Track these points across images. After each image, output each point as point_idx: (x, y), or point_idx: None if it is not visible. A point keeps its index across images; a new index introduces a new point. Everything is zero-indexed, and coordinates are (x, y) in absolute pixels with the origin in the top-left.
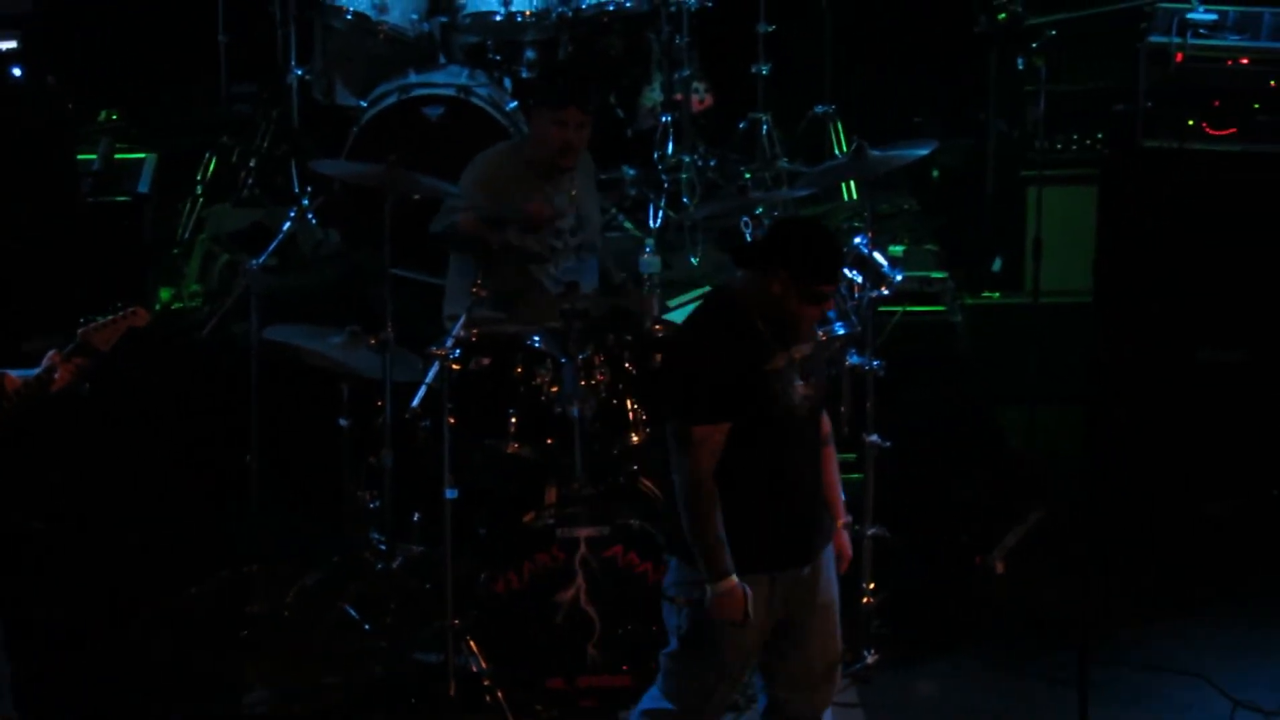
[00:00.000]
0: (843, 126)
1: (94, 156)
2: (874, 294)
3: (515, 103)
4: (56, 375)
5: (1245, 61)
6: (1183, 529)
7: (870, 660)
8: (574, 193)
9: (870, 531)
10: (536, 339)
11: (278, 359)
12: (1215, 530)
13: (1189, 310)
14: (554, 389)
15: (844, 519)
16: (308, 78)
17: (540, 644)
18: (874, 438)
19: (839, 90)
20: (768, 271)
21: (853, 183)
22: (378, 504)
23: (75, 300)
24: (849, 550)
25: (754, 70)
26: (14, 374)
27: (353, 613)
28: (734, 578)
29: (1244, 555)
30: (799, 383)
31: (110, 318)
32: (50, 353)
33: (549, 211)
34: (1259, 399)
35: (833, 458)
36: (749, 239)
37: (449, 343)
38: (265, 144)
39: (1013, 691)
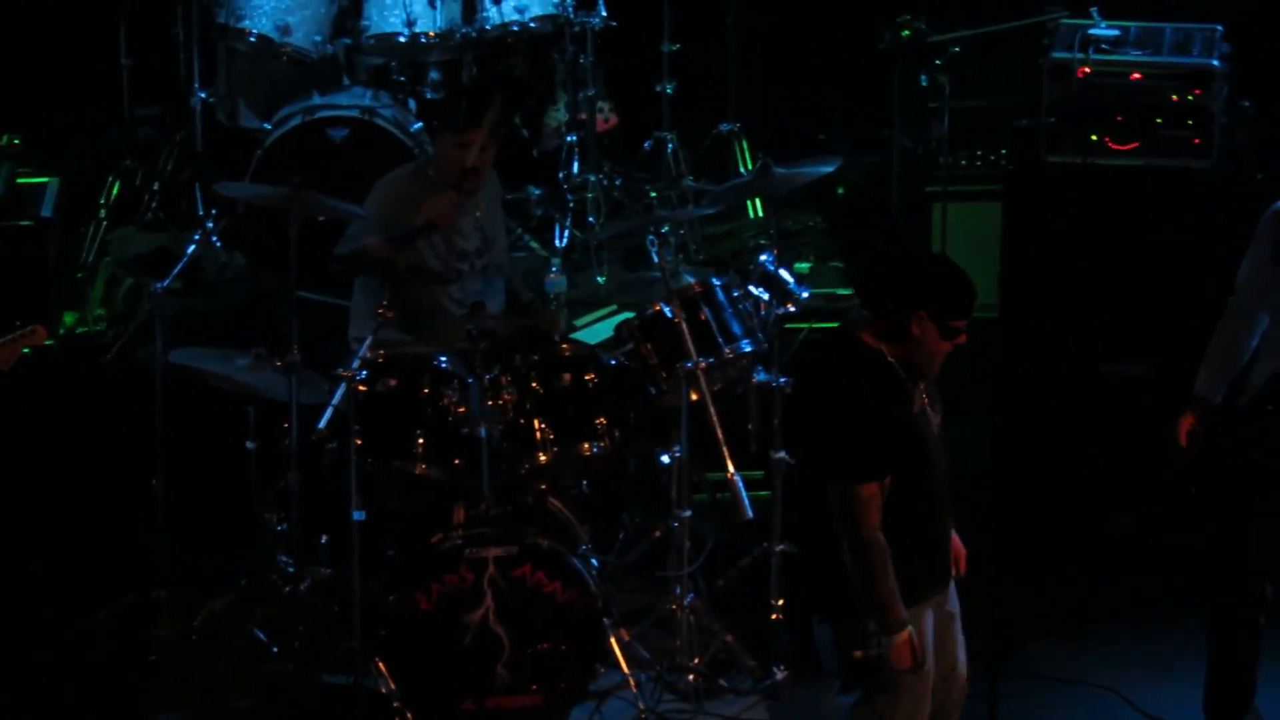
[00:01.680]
0: (748, 144)
1: None
2: (780, 311)
3: (420, 124)
4: None
5: (1146, 77)
6: (1089, 543)
7: (779, 676)
8: (479, 214)
9: (778, 549)
10: (443, 360)
11: (183, 382)
12: (1121, 543)
13: (1093, 325)
14: (461, 409)
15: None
16: (211, 100)
17: (449, 665)
18: (781, 454)
19: (744, 108)
20: (905, 311)
21: (758, 200)
22: (285, 526)
23: None
24: (962, 548)
25: (659, 89)
26: None
27: (261, 636)
28: (910, 627)
29: (1150, 568)
30: (934, 415)
31: (9, 336)
32: None
33: (449, 213)
34: (1163, 412)
35: None
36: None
37: (355, 364)
38: (169, 167)
39: None
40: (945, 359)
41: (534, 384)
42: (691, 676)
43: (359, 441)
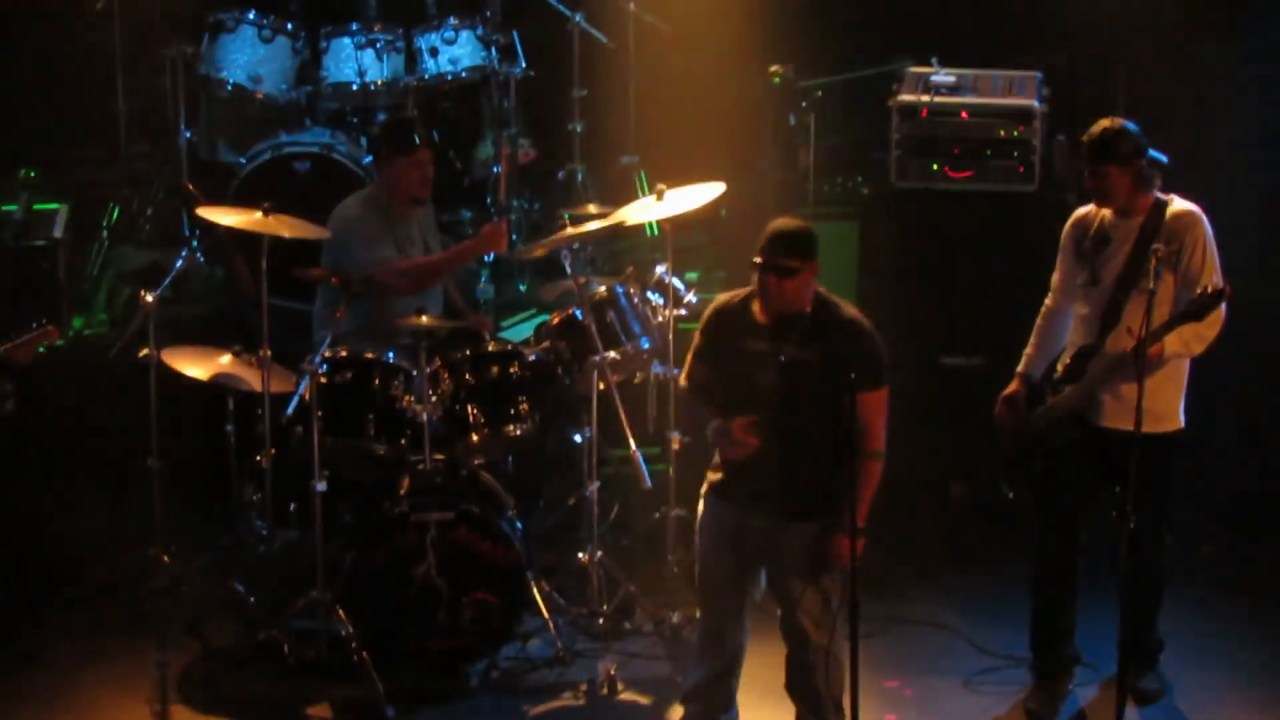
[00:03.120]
0: (645, 174)
1: (15, 207)
2: (674, 313)
3: (370, 157)
4: None
5: (978, 115)
6: (934, 505)
7: (675, 619)
8: (421, 228)
9: (674, 513)
10: (391, 355)
11: (174, 376)
12: (959, 505)
13: (936, 324)
14: (406, 397)
15: None
16: (194, 139)
17: (398, 612)
18: (675, 434)
19: (641, 143)
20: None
21: (654, 222)
22: (259, 497)
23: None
24: None
25: (570, 128)
26: None
27: (240, 588)
28: None
29: (982, 526)
30: (796, 353)
31: (27, 336)
32: None
33: (504, 239)
34: (995, 397)
35: None
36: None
37: (317, 359)
38: (160, 195)
39: None
40: (775, 298)
41: (467, 376)
42: (601, 620)
43: (321, 424)
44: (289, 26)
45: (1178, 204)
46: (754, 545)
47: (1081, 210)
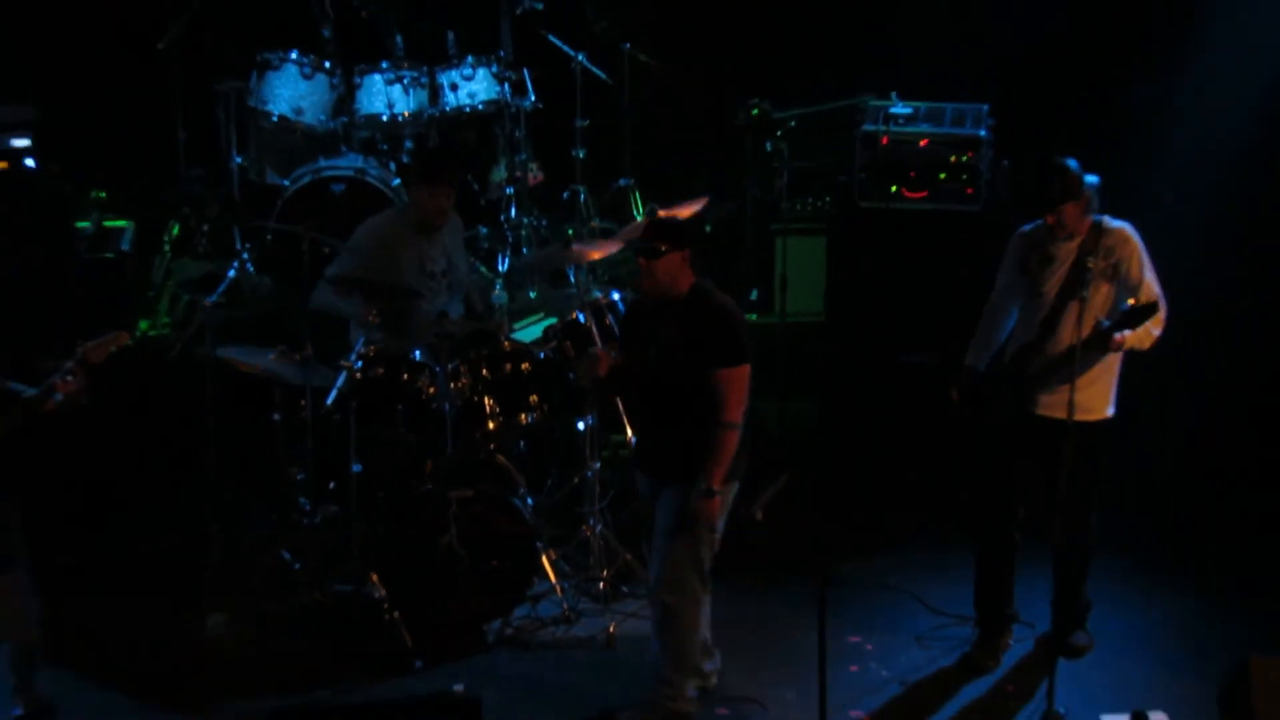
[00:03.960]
0: (640, 194)
1: (88, 224)
2: None
3: (398, 180)
4: (58, 395)
5: (932, 143)
6: (893, 488)
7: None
8: (444, 244)
9: None
10: (417, 353)
11: (228, 371)
12: (917, 488)
13: (894, 325)
14: (431, 390)
15: None
16: (244, 164)
17: (424, 577)
18: None
19: (636, 168)
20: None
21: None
22: (303, 477)
23: (76, 330)
24: None
25: (574, 154)
26: (25, 391)
27: (287, 556)
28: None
29: (933, 502)
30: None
31: (100, 340)
32: (53, 378)
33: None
34: (945, 390)
35: None
36: (572, 279)
37: (353, 357)
38: (214, 213)
39: (770, 607)
40: (645, 277)
41: (484, 371)
42: (601, 585)
43: (356, 413)
44: (327, 65)
45: (1111, 223)
46: (653, 506)
47: (1027, 228)
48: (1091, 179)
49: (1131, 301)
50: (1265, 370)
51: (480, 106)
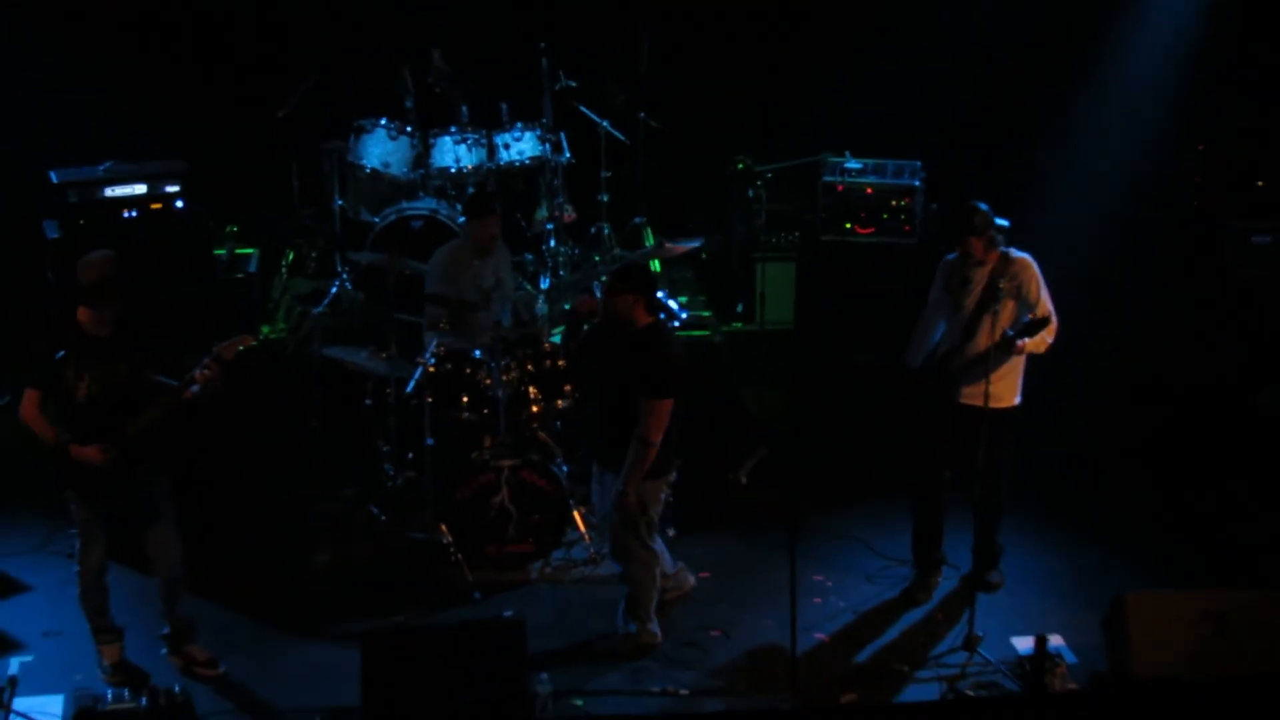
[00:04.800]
0: (650, 229)
1: (223, 252)
2: (670, 325)
3: (463, 219)
4: (195, 385)
5: (877, 190)
6: (846, 456)
7: (671, 534)
8: (494, 266)
9: (675, 462)
10: (477, 352)
11: (330, 366)
12: (866, 457)
13: (848, 331)
14: (488, 381)
15: None
16: (344, 205)
17: (482, 527)
18: None
19: (648, 209)
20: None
21: (657, 261)
22: (388, 449)
23: (212, 334)
24: None
25: (599, 198)
26: (167, 381)
27: (375, 511)
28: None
29: (883, 471)
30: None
31: (230, 340)
32: (193, 371)
33: (595, 304)
34: (882, 382)
35: None
36: (598, 294)
37: (428, 355)
38: (321, 243)
39: (752, 552)
40: (604, 308)
41: (529, 367)
42: None
43: (430, 399)
44: (409, 129)
45: (1016, 254)
46: (600, 485)
47: (950, 257)
48: (1002, 221)
49: (1031, 316)
50: (1134, 367)
51: (527, 161)
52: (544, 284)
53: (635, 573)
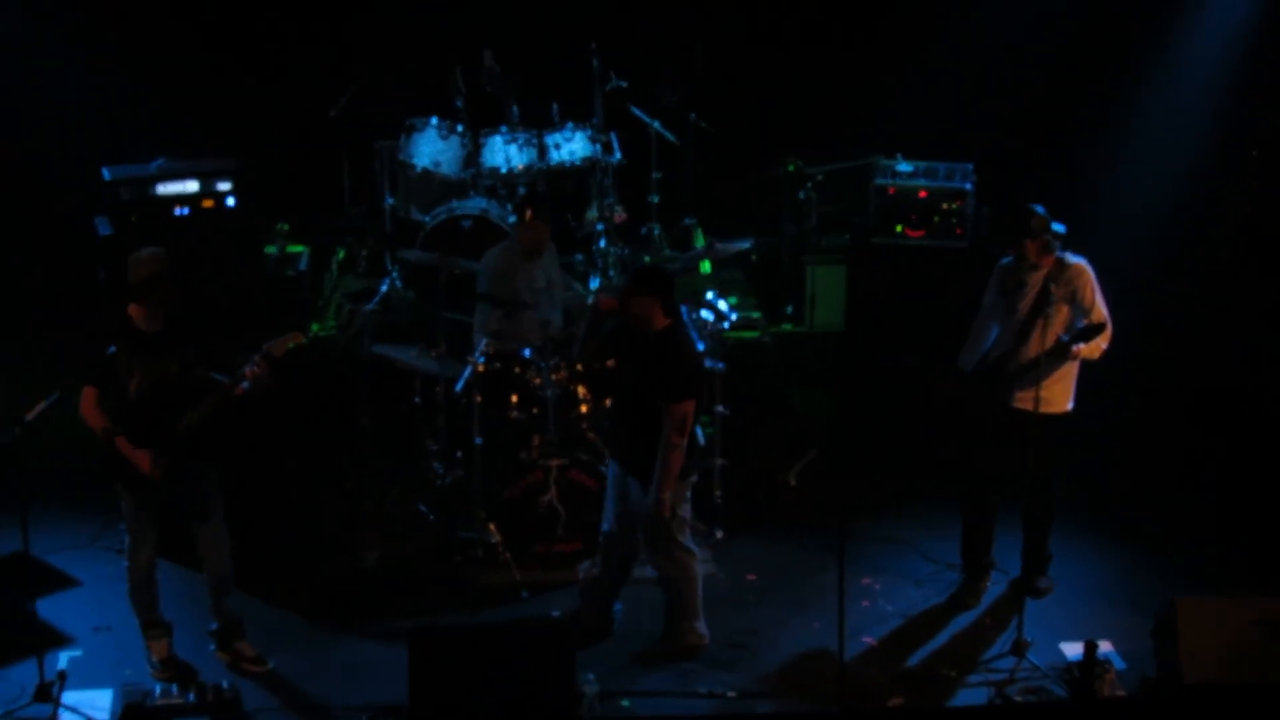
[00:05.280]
0: (701, 230)
1: (274, 249)
2: (719, 327)
3: (513, 218)
4: (246, 382)
5: (929, 194)
6: (897, 459)
7: (719, 535)
8: (544, 267)
9: (718, 462)
10: (527, 352)
11: (380, 364)
12: (916, 461)
13: (896, 334)
14: (537, 380)
15: None
16: (395, 204)
17: (531, 525)
18: (720, 408)
19: (698, 210)
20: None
21: (707, 262)
22: (437, 446)
23: (264, 331)
24: None
25: (649, 199)
26: (218, 378)
27: (423, 508)
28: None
29: (932, 475)
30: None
31: (281, 338)
32: (244, 368)
33: (613, 300)
34: (933, 386)
35: None
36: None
37: (477, 354)
38: (372, 241)
39: (800, 555)
40: (622, 309)
41: (578, 366)
42: None
43: (479, 398)
44: (459, 128)
45: (1071, 259)
46: (621, 486)
47: (1006, 261)
48: (1058, 226)
49: (1086, 321)
50: (1188, 373)
51: (578, 162)
52: (594, 284)
53: (674, 574)
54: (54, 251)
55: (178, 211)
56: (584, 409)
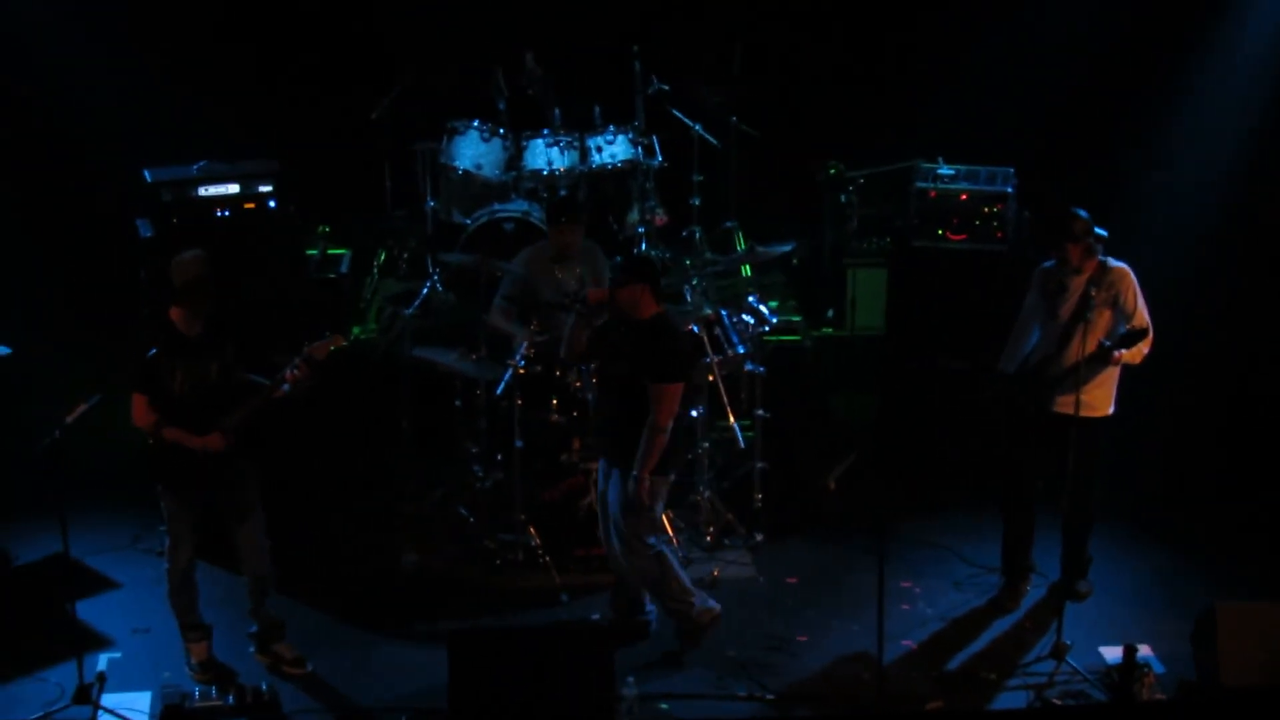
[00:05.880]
0: (742, 234)
1: (315, 252)
2: (760, 330)
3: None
4: (286, 384)
5: (970, 197)
6: (935, 462)
7: (759, 539)
8: (578, 270)
9: (758, 465)
10: None
11: (420, 367)
12: (956, 465)
13: (937, 338)
14: (577, 384)
15: None
16: (436, 206)
17: (570, 529)
18: (760, 411)
19: (739, 213)
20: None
21: (748, 266)
22: (477, 449)
23: (304, 334)
24: None
25: (691, 201)
26: (258, 380)
27: (464, 511)
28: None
29: (972, 479)
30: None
31: (322, 341)
32: (284, 371)
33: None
34: (975, 388)
35: None
36: (688, 298)
37: (517, 357)
38: (413, 244)
39: (840, 558)
40: (611, 299)
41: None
42: (708, 537)
43: (520, 401)
44: (501, 131)
45: (1113, 263)
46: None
47: (1047, 264)
48: (1101, 231)
49: (1128, 326)
50: (1228, 379)
51: (620, 164)
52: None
53: (650, 568)
54: (95, 253)
55: (219, 214)
56: None
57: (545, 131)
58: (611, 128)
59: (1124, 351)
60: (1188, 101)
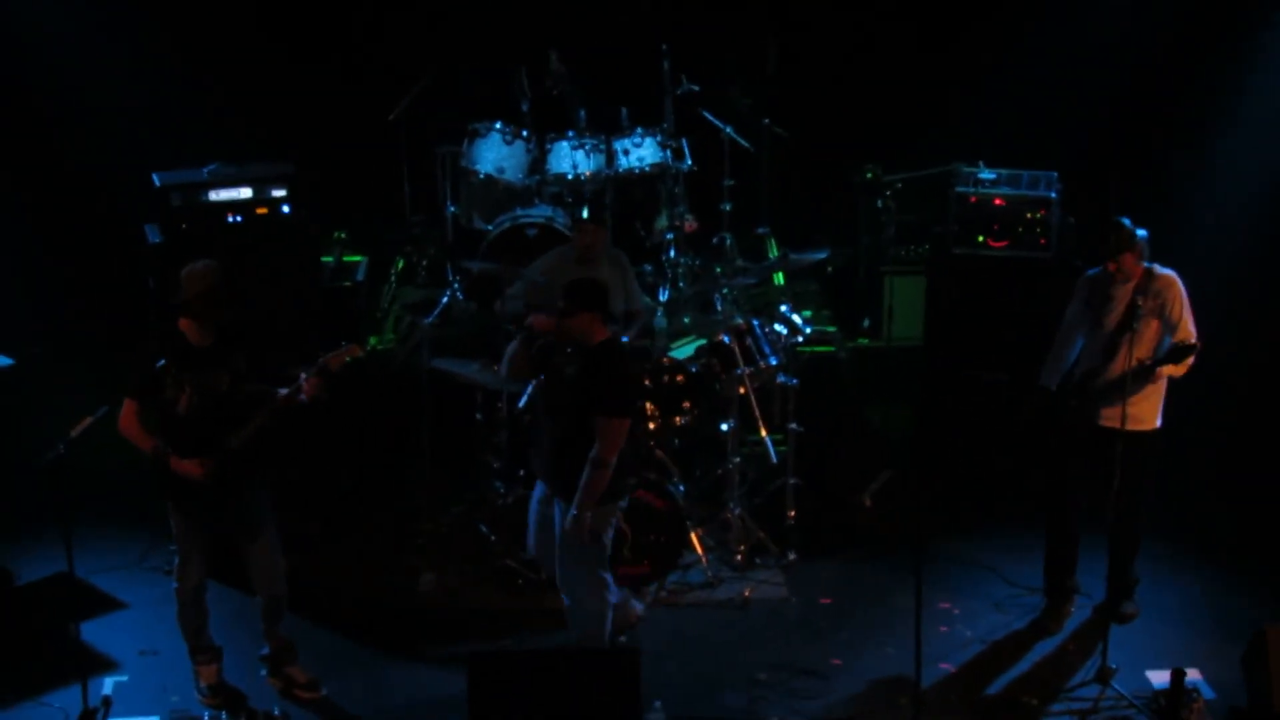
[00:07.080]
0: (774, 241)
1: (331, 259)
2: (793, 340)
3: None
4: (302, 395)
5: (1011, 202)
6: (978, 478)
7: (792, 558)
8: (604, 278)
9: (791, 481)
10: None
11: (439, 378)
12: (996, 481)
13: (976, 350)
14: None
15: None
16: (456, 212)
17: None
18: (793, 425)
19: (772, 219)
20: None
21: (781, 274)
22: (498, 464)
23: (319, 343)
24: None
25: (722, 207)
26: (271, 391)
27: (484, 529)
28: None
29: (1013, 495)
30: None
31: (337, 351)
32: (299, 381)
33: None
34: (1015, 401)
35: None
36: (719, 307)
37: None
38: (432, 250)
39: (876, 577)
40: (558, 326)
41: (646, 382)
42: (738, 556)
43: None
44: (524, 133)
45: (1160, 270)
46: (546, 509)
47: (1092, 272)
48: (1141, 233)
49: (1173, 338)
50: (1275, 388)
51: (647, 168)
52: (663, 296)
53: (583, 606)
54: (101, 260)
55: (230, 219)
56: (652, 426)
57: (570, 134)
58: (639, 130)
59: (1168, 367)
60: (1237, 105)
